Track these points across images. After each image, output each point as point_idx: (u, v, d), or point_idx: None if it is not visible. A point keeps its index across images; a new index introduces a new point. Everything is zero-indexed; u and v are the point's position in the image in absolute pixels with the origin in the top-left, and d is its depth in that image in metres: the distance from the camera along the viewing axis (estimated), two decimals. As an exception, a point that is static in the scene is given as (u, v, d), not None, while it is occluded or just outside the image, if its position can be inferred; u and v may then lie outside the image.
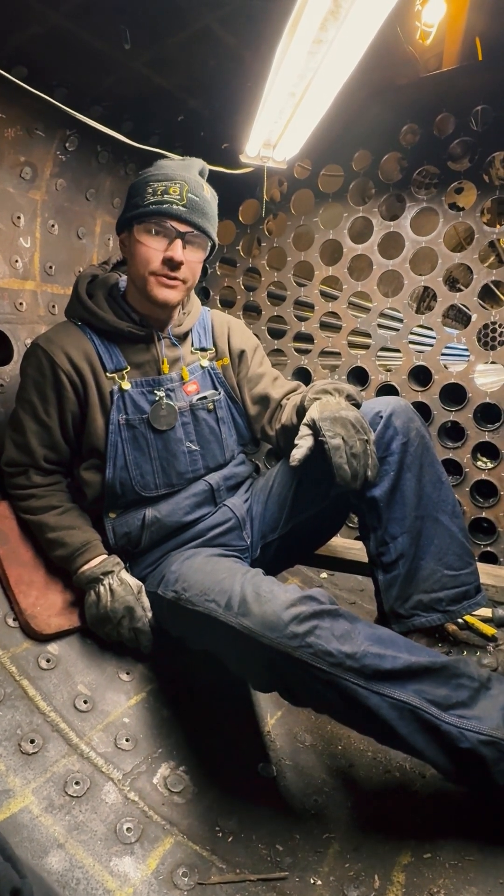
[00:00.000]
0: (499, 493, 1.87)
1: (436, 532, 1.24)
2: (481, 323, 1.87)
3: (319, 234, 2.08)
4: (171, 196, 1.23)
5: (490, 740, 0.95)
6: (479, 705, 0.99)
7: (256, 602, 1.04)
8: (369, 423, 1.25)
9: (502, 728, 0.96)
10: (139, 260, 1.27)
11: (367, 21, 1.18)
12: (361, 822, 1.09)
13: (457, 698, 0.99)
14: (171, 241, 1.25)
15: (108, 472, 1.31)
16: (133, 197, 1.27)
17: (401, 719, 0.97)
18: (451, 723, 0.96)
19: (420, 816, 1.09)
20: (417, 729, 0.98)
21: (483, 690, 1.01)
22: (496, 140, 1.78)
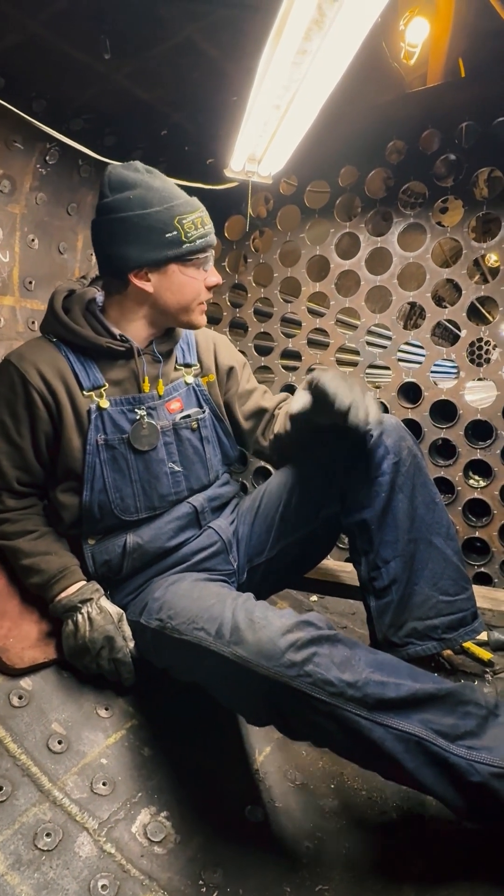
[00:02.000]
0: (492, 512, 1.83)
1: (430, 556, 1.18)
2: (470, 339, 1.84)
3: (306, 249, 2.06)
4: (207, 226, 1.22)
5: (502, 772, 0.89)
6: (488, 734, 0.94)
7: (250, 629, 0.97)
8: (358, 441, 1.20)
9: None
10: (187, 293, 1.24)
11: (352, 31, 1.15)
12: (356, 871, 1.01)
13: (465, 727, 0.93)
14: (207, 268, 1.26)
15: (86, 495, 1.24)
16: (164, 233, 1.18)
17: (406, 752, 0.91)
18: (460, 755, 0.90)
19: (420, 864, 1.02)
20: (425, 762, 0.91)
21: (491, 718, 0.96)
22: (481, 156, 1.77)
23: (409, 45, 2.22)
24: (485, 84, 1.78)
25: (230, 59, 1.48)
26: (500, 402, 1.79)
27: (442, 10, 2.18)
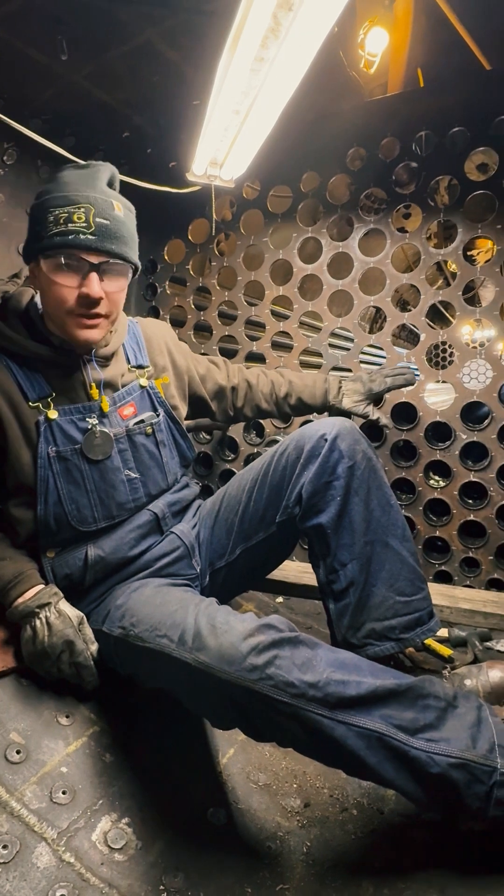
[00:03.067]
0: (451, 512, 1.87)
1: (386, 557, 1.20)
2: (430, 342, 1.88)
3: (270, 254, 2.07)
4: (76, 224, 1.09)
5: (460, 762, 0.91)
6: (447, 726, 0.96)
7: (212, 635, 0.98)
8: (313, 446, 1.22)
9: (472, 749, 0.93)
10: (53, 299, 1.15)
11: (307, 40, 1.18)
12: (318, 869, 1.02)
13: (424, 720, 0.95)
14: (84, 275, 1.12)
15: (40, 509, 1.21)
16: (35, 224, 1.14)
17: (368, 748, 0.93)
18: (420, 748, 0.92)
19: (379, 858, 1.03)
20: (386, 757, 0.93)
21: (450, 710, 0.98)
22: (439, 165, 1.81)
23: (369, 54, 2.26)
24: (441, 95, 1.83)
25: (190, 64, 1.49)
26: (459, 405, 1.83)
27: (400, 21, 2.23)
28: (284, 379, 1.66)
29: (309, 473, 1.21)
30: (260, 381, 1.65)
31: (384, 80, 2.59)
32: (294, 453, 1.25)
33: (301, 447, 1.24)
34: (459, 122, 1.76)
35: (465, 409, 1.83)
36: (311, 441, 1.22)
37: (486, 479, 1.81)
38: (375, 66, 2.36)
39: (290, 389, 1.65)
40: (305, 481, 1.22)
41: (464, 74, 1.92)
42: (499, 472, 1.80)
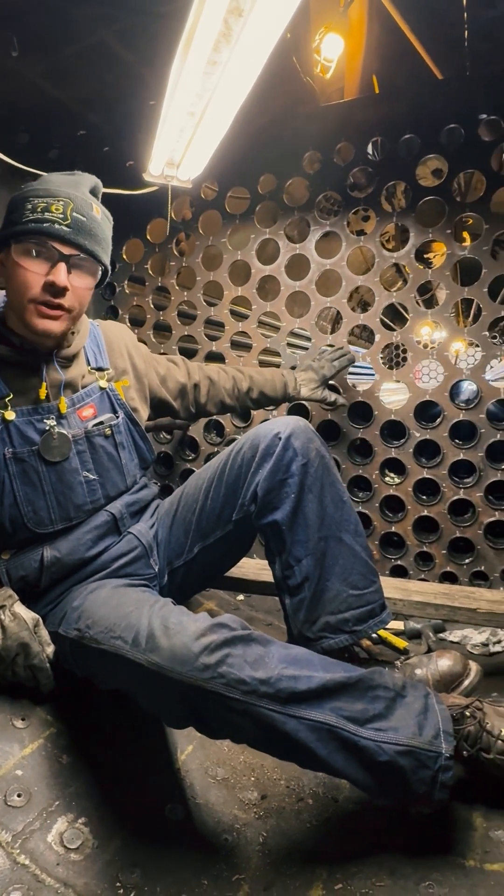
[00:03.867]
0: (406, 508, 1.92)
1: (340, 552, 1.23)
2: (384, 343, 1.93)
3: (228, 254, 2.09)
4: (52, 214, 1.12)
5: (407, 750, 0.95)
6: (395, 715, 0.99)
7: (165, 635, 0.99)
8: (268, 444, 1.24)
9: (418, 736, 0.96)
10: (17, 285, 1.15)
11: (259, 46, 1.20)
12: (273, 858, 1.04)
13: (373, 711, 0.98)
14: (53, 264, 1.14)
15: None
16: (11, 213, 1.16)
17: (319, 741, 0.96)
18: (369, 737, 0.96)
19: (333, 844, 1.06)
20: (336, 748, 0.96)
21: (399, 699, 1.02)
22: (392, 170, 1.86)
23: (325, 59, 2.30)
24: (393, 102, 1.88)
25: (145, 64, 1.49)
26: (412, 403, 1.89)
27: (355, 29, 2.28)
28: (245, 374, 1.72)
29: (264, 471, 1.23)
30: (221, 377, 1.69)
31: (342, 84, 2.65)
32: (249, 452, 1.27)
33: (256, 446, 1.26)
34: (410, 129, 1.82)
35: (418, 408, 1.89)
36: (265, 440, 1.24)
37: (438, 475, 1.87)
38: (332, 72, 2.40)
39: (251, 384, 1.72)
40: (260, 479, 1.24)
41: (415, 82, 1.98)
42: (451, 468, 1.86)
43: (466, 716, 1.05)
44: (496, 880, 0.92)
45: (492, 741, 1.02)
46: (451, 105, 1.76)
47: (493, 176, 1.74)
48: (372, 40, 2.37)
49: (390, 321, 1.93)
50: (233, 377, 1.71)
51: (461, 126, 1.75)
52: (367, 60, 2.42)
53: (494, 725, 1.03)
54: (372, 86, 2.54)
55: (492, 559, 1.85)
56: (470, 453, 1.83)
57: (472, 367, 1.84)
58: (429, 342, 1.85)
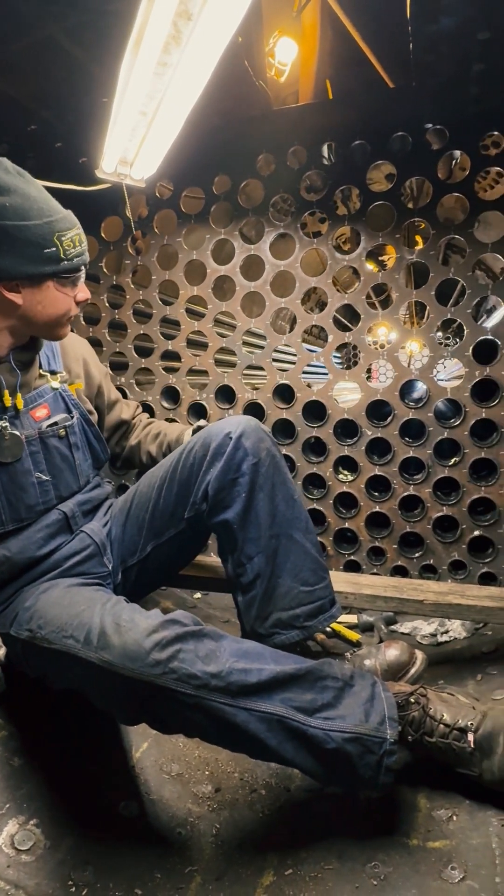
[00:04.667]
0: (359, 504, 1.97)
1: (291, 549, 1.26)
2: (337, 344, 1.98)
3: (183, 254, 2.09)
4: (84, 244, 1.21)
5: (354, 737, 0.99)
6: (343, 704, 1.03)
7: (116, 633, 1.00)
8: (219, 443, 1.26)
9: (364, 723, 1.00)
10: (59, 309, 1.23)
11: (209, 49, 1.21)
12: (226, 848, 1.07)
13: (322, 700, 1.02)
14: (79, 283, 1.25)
15: None
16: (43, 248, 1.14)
17: (269, 731, 0.98)
18: (317, 726, 0.99)
19: (284, 832, 1.09)
20: (286, 738, 0.99)
21: (347, 688, 1.05)
22: (344, 174, 1.90)
23: (280, 63, 2.33)
24: (345, 108, 1.92)
25: (96, 62, 1.48)
26: (364, 403, 1.94)
27: (308, 33, 2.32)
28: None
29: (215, 471, 1.25)
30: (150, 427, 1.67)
31: (297, 88, 2.68)
32: (200, 451, 1.29)
33: (207, 445, 1.28)
34: (361, 135, 1.86)
35: (370, 407, 1.94)
36: (216, 439, 1.27)
37: (389, 472, 1.93)
38: (286, 75, 2.43)
39: None
40: (211, 478, 1.26)
41: (366, 89, 2.03)
42: (401, 465, 1.92)
43: (411, 702, 1.09)
44: (437, 857, 0.96)
45: (434, 725, 1.07)
46: (400, 113, 1.81)
47: (440, 183, 1.81)
48: (325, 46, 2.42)
49: (348, 322, 1.97)
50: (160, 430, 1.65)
51: (409, 134, 1.80)
52: (321, 65, 2.46)
53: (437, 710, 1.08)
54: (326, 90, 2.58)
55: (440, 553, 1.92)
56: (419, 451, 1.89)
57: (420, 368, 1.90)
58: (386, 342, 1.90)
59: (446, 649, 1.70)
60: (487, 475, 1.86)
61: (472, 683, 1.44)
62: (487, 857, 0.93)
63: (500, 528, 1.84)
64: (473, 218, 1.78)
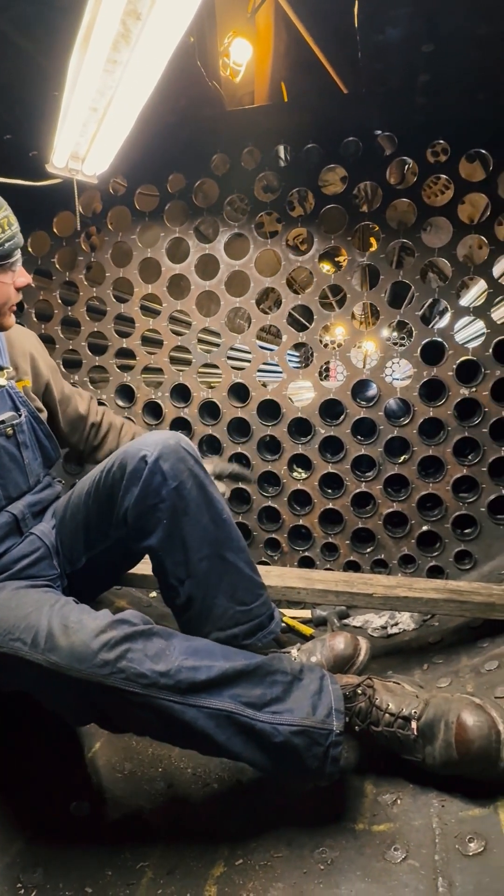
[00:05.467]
0: (313, 501, 2.01)
1: (224, 570, 1.20)
2: (291, 343, 2.01)
3: (138, 251, 2.08)
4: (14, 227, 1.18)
5: (301, 729, 1.01)
6: (291, 697, 1.05)
7: (64, 635, 0.99)
8: (135, 467, 1.16)
9: (311, 716, 1.03)
10: None
11: (160, 48, 1.21)
12: (178, 843, 1.08)
13: (271, 695, 1.04)
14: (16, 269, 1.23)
15: None
16: None
17: (218, 727, 1.00)
18: (265, 720, 1.01)
19: (235, 824, 1.11)
20: (234, 733, 1.01)
21: (296, 682, 1.07)
22: (297, 177, 1.93)
23: (235, 63, 2.34)
24: (298, 112, 1.95)
25: (45, 55, 1.46)
26: (317, 402, 1.98)
27: (262, 35, 2.33)
28: None
29: (132, 497, 1.17)
30: (125, 429, 1.68)
31: (252, 88, 2.70)
32: (118, 472, 1.20)
33: (124, 467, 1.19)
34: (314, 139, 1.89)
35: (323, 406, 1.98)
36: (132, 461, 1.17)
37: (342, 470, 1.98)
38: (241, 76, 2.45)
39: None
40: (129, 505, 1.18)
41: (319, 94, 2.06)
42: (353, 463, 1.97)
43: (358, 693, 1.13)
44: (381, 839, 1.00)
45: (380, 715, 1.11)
46: (351, 119, 1.85)
47: (389, 188, 1.86)
48: (280, 48, 2.44)
49: (307, 322, 1.99)
50: (134, 433, 1.67)
51: (359, 139, 1.84)
52: (276, 67, 2.48)
53: (383, 700, 1.12)
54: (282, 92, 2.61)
55: (391, 548, 1.98)
56: (370, 449, 1.94)
57: (371, 368, 1.95)
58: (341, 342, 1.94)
59: (396, 641, 1.76)
60: (435, 472, 1.93)
61: (419, 673, 1.50)
62: (428, 837, 0.97)
63: (446, 523, 1.91)
64: (422, 223, 1.84)
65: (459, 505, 1.89)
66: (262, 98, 2.56)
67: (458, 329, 1.92)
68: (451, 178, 1.79)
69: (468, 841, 0.92)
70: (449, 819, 0.99)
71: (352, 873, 0.95)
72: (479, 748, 0.98)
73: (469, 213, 1.98)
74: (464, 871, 0.88)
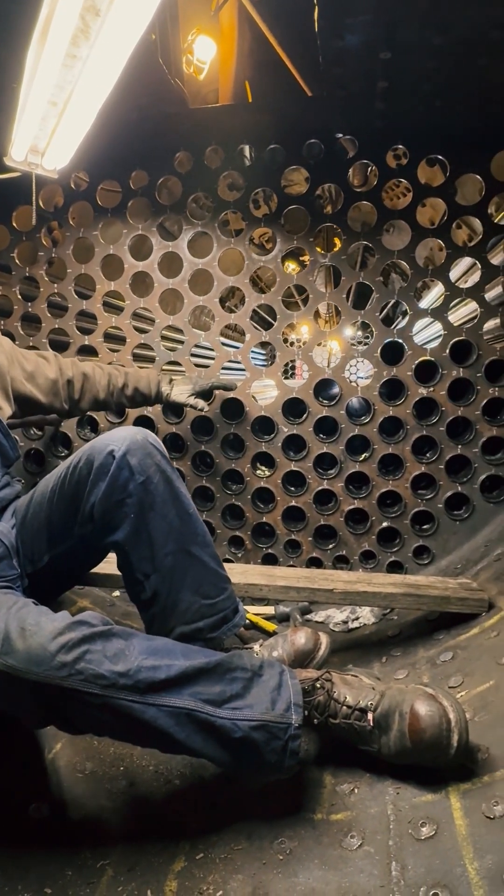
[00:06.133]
0: (276, 499, 2.04)
1: (190, 565, 1.22)
2: (254, 342, 2.02)
3: (100, 247, 2.06)
4: None
5: (260, 724, 1.02)
6: (251, 693, 1.06)
7: (21, 637, 0.98)
8: (102, 462, 1.18)
9: (271, 710, 1.04)
10: None
11: (120, 44, 1.21)
12: (139, 841, 1.08)
13: (231, 692, 1.05)
14: None
15: None
16: None
17: (177, 725, 1.00)
18: (225, 716, 1.02)
19: (197, 819, 1.12)
20: (194, 730, 1.01)
21: (256, 678, 1.09)
22: (260, 177, 1.95)
23: (199, 60, 2.34)
24: (261, 112, 1.96)
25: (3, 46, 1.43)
26: (280, 400, 2.00)
27: (226, 34, 2.34)
28: (120, 371, 1.75)
29: (99, 492, 1.18)
30: (96, 372, 1.70)
31: (217, 86, 2.69)
32: (85, 468, 1.21)
33: (91, 462, 1.20)
34: (276, 140, 1.91)
35: (287, 405, 2.00)
36: (99, 457, 1.18)
37: (304, 468, 2.00)
38: (205, 73, 2.44)
39: (126, 380, 1.75)
40: (96, 500, 1.19)
41: (283, 95, 2.08)
42: (315, 461, 2.00)
43: (317, 687, 1.15)
44: (338, 828, 1.03)
45: (338, 708, 1.13)
46: (313, 121, 1.88)
47: (350, 191, 1.89)
48: (244, 47, 2.44)
49: (273, 320, 2.01)
50: (108, 373, 1.72)
51: (321, 142, 1.87)
52: (240, 66, 2.49)
53: (341, 693, 1.15)
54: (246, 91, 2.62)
55: (352, 544, 2.02)
56: (332, 447, 1.98)
57: (333, 367, 1.98)
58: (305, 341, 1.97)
59: (356, 635, 1.80)
60: (394, 469, 1.97)
61: (377, 665, 1.54)
62: (383, 824, 1.00)
63: (405, 519, 1.96)
64: (382, 226, 1.88)
65: (418, 501, 1.94)
66: (227, 97, 2.57)
67: (418, 331, 1.97)
68: (409, 182, 1.84)
69: (421, 825, 0.96)
70: (403, 805, 1.02)
71: (309, 862, 0.97)
72: (431, 736, 1.01)
73: (430, 216, 2.03)
74: (416, 855, 0.91)
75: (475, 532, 1.92)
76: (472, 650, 1.40)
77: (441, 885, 0.84)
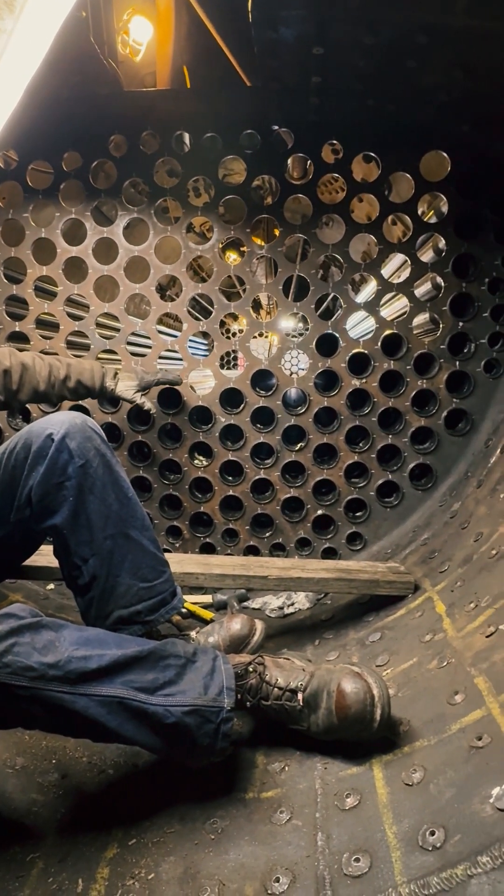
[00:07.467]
0: (213, 488, 2.05)
1: (129, 548, 1.23)
2: (191, 332, 2.02)
3: (31, 230, 1.99)
4: None
5: (192, 709, 1.04)
6: (184, 679, 1.07)
7: None
8: (40, 446, 1.18)
9: (203, 695, 1.06)
10: None
11: (47, 19, 1.17)
12: (71, 832, 1.08)
13: (164, 679, 1.05)
14: None
15: None
16: None
17: (109, 713, 1.00)
18: (158, 703, 1.02)
19: (130, 806, 1.13)
20: (126, 718, 1.02)
21: (189, 664, 1.10)
22: (196, 164, 1.94)
23: (135, 41, 2.28)
24: (198, 100, 1.95)
25: None
26: (218, 390, 2.01)
27: (163, 16, 2.29)
28: (62, 363, 1.68)
29: (37, 475, 1.18)
30: (37, 363, 1.63)
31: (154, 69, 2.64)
32: (22, 452, 1.21)
33: (29, 446, 1.20)
34: (213, 128, 1.90)
35: (224, 395, 2.01)
36: (37, 440, 1.19)
37: (241, 457, 2.02)
38: (142, 55, 2.39)
39: (69, 372, 1.68)
40: (34, 483, 1.19)
41: (219, 85, 2.07)
42: (252, 450, 2.02)
43: (250, 671, 1.18)
44: (268, 805, 1.06)
45: (270, 690, 1.17)
46: (250, 112, 1.88)
47: (286, 183, 1.91)
48: (181, 31, 2.41)
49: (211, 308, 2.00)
50: (49, 364, 1.65)
51: (258, 133, 1.88)
52: (178, 51, 2.45)
53: (273, 676, 1.18)
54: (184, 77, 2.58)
55: (288, 532, 2.06)
56: (269, 436, 2.01)
57: (270, 358, 2.01)
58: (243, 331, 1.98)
59: (291, 620, 1.85)
60: (329, 459, 2.03)
61: (310, 648, 1.58)
62: (310, 798, 1.04)
63: (339, 506, 2.02)
64: (317, 219, 1.91)
65: (351, 490, 2.01)
66: (165, 81, 2.52)
67: (352, 325, 2.03)
68: (343, 177, 1.88)
69: (345, 797, 1.00)
70: (330, 779, 1.07)
71: (240, 839, 1.00)
72: (356, 712, 1.06)
73: (367, 211, 2.08)
74: (340, 825, 0.96)
75: (404, 518, 2.00)
76: (398, 630, 1.47)
77: (362, 850, 0.89)
